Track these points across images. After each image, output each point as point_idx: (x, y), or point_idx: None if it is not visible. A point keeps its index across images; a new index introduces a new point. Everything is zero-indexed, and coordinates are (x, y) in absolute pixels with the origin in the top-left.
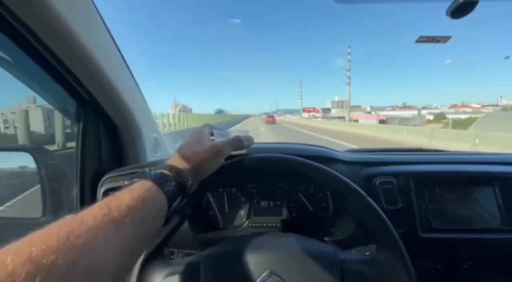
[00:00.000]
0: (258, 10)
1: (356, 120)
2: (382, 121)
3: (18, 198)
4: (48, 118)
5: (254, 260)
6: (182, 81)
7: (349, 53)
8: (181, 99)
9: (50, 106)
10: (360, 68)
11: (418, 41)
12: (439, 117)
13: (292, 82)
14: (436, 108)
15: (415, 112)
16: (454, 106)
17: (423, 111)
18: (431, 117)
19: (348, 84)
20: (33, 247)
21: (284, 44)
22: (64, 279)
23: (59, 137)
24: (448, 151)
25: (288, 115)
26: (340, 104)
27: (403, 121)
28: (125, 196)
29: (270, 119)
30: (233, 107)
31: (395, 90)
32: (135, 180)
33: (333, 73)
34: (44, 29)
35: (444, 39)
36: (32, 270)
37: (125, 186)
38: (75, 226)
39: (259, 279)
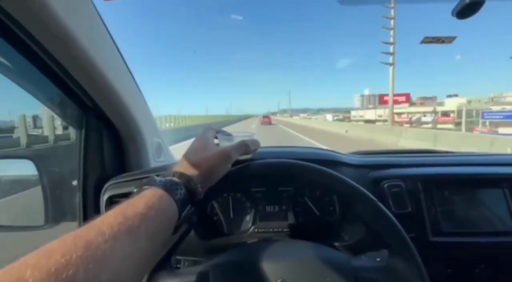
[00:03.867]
0: (262, 4)
1: None
2: None
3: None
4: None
5: (265, 269)
6: (182, 81)
7: None
8: (181, 100)
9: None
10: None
11: (423, 42)
12: None
13: (303, 78)
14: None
15: None
16: None
17: None
18: None
19: None
20: (52, 260)
21: (292, 37)
22: None
23: (60, 144)
24: (457, 152)
25: (302, 115)
26: (372, 99)
27: None
28: (140, 204)
29: (266, 119)
30: (235, 108)
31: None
32: (145, 187)
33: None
34: (45, 35)
35: (449, 39)
36: None
37: (136, 193)
38: (91, 237)
39: None
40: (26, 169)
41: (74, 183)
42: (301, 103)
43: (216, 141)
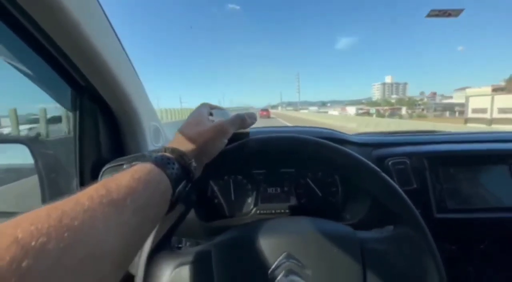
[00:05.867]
0: None
1: None
2: None
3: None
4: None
5: (269, 244)
6: (178, 72)
7: None
8: (177, 92)
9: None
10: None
11: (429, 15)
12: None
13: (310, 68)
14: None
15: None
16: None
17: None
18: None
19: None
20: (19, 229)
21: (294, 23)
22: (56, 264)
23: (55, 127)
24: (462, 131)
25: (313, 109)
26: (396, 88)
27: None
28: (124, 177)
29: (264, 113)
30: (231, 100)
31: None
32: (134, 163)
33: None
34: (36, 10)
35: (456, 12)
36: (18, 254)
37: (124, 169)
38: (68, 208)
39: (275, 263)
40: (20, 154)
41: (71, 167)
42: (308, 96)
43: (211, 118)
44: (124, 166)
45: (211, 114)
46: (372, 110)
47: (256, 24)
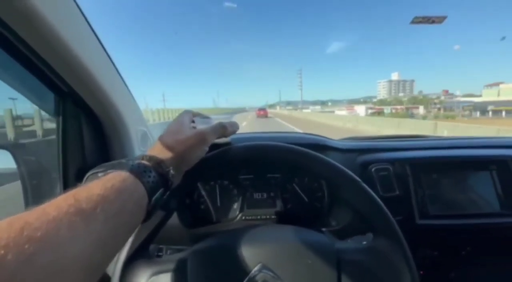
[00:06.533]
0: None
1: None
2: None
3: None
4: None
5: (244, 254)
6: (172, 72)
7: None
8: (171, 92)
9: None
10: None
11: (413, 22)
12: None
13: (310, 66)
14: None
15: None
16: None
17: None
18: None
19: None
20: None
21: (293, 21)
22: (17, 276)
23: (38, 133)
24: (445, 137)
25: (315, 108)
26: (403, 86)
27: None
28: (96, 186)
29: (261, 112)
30: (227, 99)
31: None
32: (109, 171)
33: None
34: (13, 16)
35: (439, 19)
36: None
37: (99, 177)
38: (32, 218)
39: (250, 274)
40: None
41: (55, 173)
42: (306, 95)
43: (193, 124)
44: (99, 174)
45: (193, 121)
46: (387, 109)
47: (254, 22)
